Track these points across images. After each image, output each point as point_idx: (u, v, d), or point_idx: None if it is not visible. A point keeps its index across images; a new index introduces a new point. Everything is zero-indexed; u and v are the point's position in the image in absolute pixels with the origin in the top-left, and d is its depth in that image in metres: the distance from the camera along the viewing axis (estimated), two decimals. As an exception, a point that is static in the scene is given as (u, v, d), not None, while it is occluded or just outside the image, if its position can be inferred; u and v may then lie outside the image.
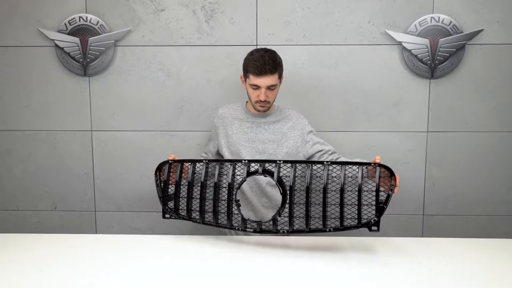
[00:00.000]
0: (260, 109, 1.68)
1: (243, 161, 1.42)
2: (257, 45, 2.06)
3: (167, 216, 1.52)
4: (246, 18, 2.06)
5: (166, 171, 1.51)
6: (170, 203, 1.52)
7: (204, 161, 1.47)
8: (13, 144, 2.19)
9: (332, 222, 1.34)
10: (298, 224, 1.40)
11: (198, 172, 1.49)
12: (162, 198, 1.51)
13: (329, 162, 1.34)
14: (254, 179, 1.68)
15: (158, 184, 1.51)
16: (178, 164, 1.51)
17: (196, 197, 1.47)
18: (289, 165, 1.38)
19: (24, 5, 2.08)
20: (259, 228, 1.41)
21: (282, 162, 1.39)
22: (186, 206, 1.48)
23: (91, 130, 2.17)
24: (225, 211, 1.44)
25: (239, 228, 1.43)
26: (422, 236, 2.17)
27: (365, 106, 2.10)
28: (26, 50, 2.11)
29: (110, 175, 2.20)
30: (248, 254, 1.39)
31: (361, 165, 1.33)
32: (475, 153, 2.11)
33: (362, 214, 1.31)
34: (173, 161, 1.52)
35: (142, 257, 1.36)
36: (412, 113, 2.10)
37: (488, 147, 2.11)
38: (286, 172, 1.40)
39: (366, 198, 1.33)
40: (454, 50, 2.02)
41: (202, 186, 1.45)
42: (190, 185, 1.47)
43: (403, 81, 2.07)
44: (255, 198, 1.70)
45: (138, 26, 2.08)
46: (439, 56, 2.03)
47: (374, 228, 1.31)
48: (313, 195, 1.36)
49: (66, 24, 2.07)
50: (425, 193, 2.15)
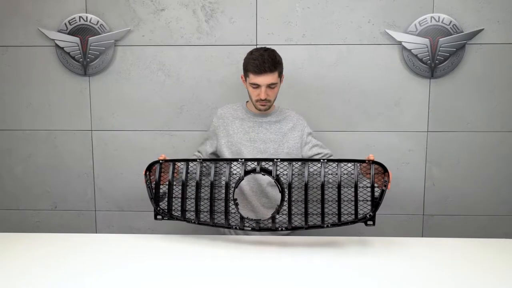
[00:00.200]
0: (260, 108, 1.67)
1: (239, 160, 1.42)
2: (257, 44, 2.06)
3: (159, 217, 1.48)
4: (246, 17, 2.06)
5: (158, 171, 1.47)
6: (162, 204, 1.48)
7: (198, 160, 1.45)
8: (13, 143, 2.20)
9: (329, 218, 1.38)
10: (296, 221, 1.41)
11: (192, 172, 1.47)
12: (154, 199, 1.47)
13: (325, 160, 1.39)
14: (255, 179, 1.68)
15: (148, 184, 1.48)
16: (169, 164, 1.48)
17: (190, 197, 1.45)
18: (286, 163, 1.40)
19: (24, 5, 2.08)
20: (258, 226, 1.41)
21: (279, 160, 1.40)
22: (180, 207, 1.44)
23: (91, 130, 2.17)
24: (221, 211, 1.43)
25: (237, 227, 1.42)
26: (422, 236, 2.17)
27: (365, 106, 2.10)
28: (26, 50, 2.12)
29: (110, 175, 2.20)
30: (248, 254, 1.39)
31: (355, 162, 1.38)
32: (475, 153, 2.11)
33: (358, 210, 1.36)
34: (164, 161, 1.49)
35: (142, 257, 1.36)
36: (412, 113, 2.10)
37: (488, 147, 2.11)
38: (283, 170, 1.41)
39: (362, 194, 1.38)
40: (454, 49, 2.02)
41: (197, 185, 1.43)
42: (184, 184, 1.44)
43: (403, 81, 2.07)
44: (255, 198, 1.70)
45: (138, 26, 2.08)
46: (439, 55, 2.02)
47: (369, 223, 1.37)
48: (310, 192, 1.39)
49: (66, 24, 2.08)
50: (425, 193, 2.15)
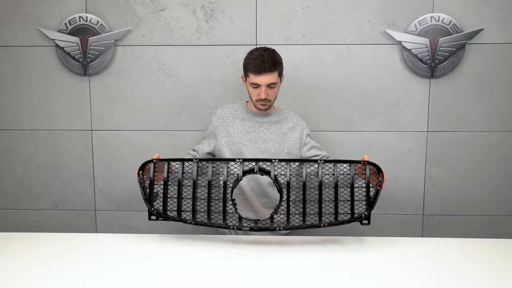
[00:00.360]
0: (261, 107, 1.67)
1: (237, 160, 1.41)
2: (256, 44, 2.06)
3: (153, 218, 1.45)
4: (245, 17, 2.06)
5: (152, 171, 1.43)
6: (157, 204, 1.45)
7: (194, 160, 1.43)
8: (13, 143, 2.20)
9: (326, 217, 1.40)
10: (294, 221, 1.42)
11: (188, 171, 1.45)
12: (149, 199, 1.44)
13: (322, 161, 1.41)
14: (255, 180, 1.68)
15: (141, 184, 1.43)
16: (164, 163, 1.45)
17: (186, 197, 1.43)
18: (284, 163, 1.40)
19: (24, 5, 2.08)
20: (256, 226, 1.41)
21: (277, 161, 1.40)
22: (176, 207, 1.42)
23: (91, 130, 2.17)
24: (219, 211, 1.42)
25: (235, 227, 1.42)
26: (422, 236, 2.17)
27: (365, 106, 2.10)
28: (26, 50, 2.12)
29: (110, 175, 2.20)
30: (247, 253, 1.39)
31: (351, 163, 1.40)
32: (475, 153, 2.11)
33: (354, 209, 1.39)
34: (158, 160, 1.45)
35: (142, 256, 1.36)
36: (412, 112, 2.09)
37: (488, 147, 2.10)
38: (281, 170, 1.42)
39: (357, 194, 1.41)
40: (454, 49, 2.02)
41: (194, 185, 1.41)
42: (180, 184, 1.42)
43: (403, 80, 2.07)
44: (256, 198, 1.70)
45: (138, 26, 2.08)
46: (439, 55, 2.02)
47: (365, 222, 1.40)
48: (307, 192, 1.40)
49: (66, 24, 2.08)
50: (425, 193, 2.15)
